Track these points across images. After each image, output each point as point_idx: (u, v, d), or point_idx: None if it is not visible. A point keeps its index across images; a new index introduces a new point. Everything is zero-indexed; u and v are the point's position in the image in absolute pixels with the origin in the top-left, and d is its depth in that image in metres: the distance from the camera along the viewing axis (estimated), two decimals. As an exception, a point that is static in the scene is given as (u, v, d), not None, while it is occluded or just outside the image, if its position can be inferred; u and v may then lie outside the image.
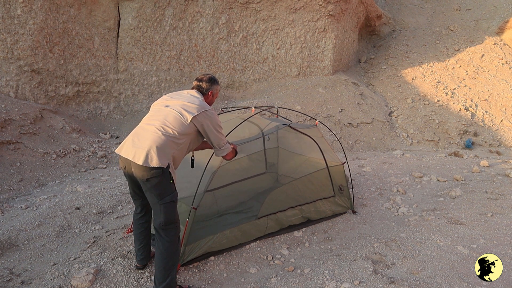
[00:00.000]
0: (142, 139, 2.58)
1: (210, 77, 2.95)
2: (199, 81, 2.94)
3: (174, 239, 2.71)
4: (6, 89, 7.86)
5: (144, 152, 2.50)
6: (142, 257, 3.15)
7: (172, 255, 2.72)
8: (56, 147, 7.19)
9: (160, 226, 2.66)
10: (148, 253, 3.18)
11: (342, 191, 4.58)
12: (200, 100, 2.80)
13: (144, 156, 2.49)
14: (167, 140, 2.57)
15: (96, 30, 9.22)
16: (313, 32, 11.67)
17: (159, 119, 2.65)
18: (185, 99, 2.76)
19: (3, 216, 4.35)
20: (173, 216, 2.69)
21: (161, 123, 2.61)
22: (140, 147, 2.54)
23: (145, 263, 3.18)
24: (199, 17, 10.41)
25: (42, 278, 3.07)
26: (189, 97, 2.82)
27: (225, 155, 2.95)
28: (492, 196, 5.13)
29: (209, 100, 2.97)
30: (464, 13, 16.05)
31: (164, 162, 2.53)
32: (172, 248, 2.71)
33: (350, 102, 11.01)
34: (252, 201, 3.97)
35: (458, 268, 3.16)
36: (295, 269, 3.34)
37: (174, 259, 2.74)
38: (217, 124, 2.78)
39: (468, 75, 13.25)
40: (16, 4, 7.76)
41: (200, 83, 2.93)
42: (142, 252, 3.13)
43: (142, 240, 3.09)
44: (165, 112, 2.68)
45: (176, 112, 2.65)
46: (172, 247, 2.70)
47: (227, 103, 10.47)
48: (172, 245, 2.70)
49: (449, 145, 10.69)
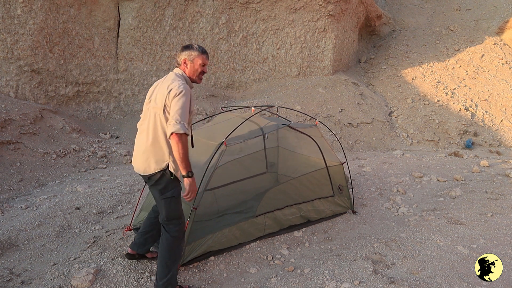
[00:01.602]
0: (138, 149, 2.70)
1: (183, 45, 2.85)
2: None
3: (177, 235, 2.71)
4: (6, 89, 7.86)
5: (142, 164, 2.64)
6: (135, 243, 3.18)
7: (174, 250, 2.72)
8: (56, 147, 7.19)
9: (163, 221, 2.71)
10: (143, 245, 3.20)
11: (341, 191, 4.58)
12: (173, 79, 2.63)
13: (144, 167, 2.64)
14: (158, 143, 2.60)
15: (96, 30, 9.22)
16: (313, 32, 11.67)
17: (146, 120, 2.67)
18: (160, 89, 2.64)
19: (3, 216, 4.35)
20: (175, 212, 2.70)
21: (149, 125, 2.63)
22: (138, 158, 2.68)
23: (136, 249, 3.20)
24: (199, 17, 10.41)
25: (42, 278, 3.07)
26: (166, 81, 2.65)
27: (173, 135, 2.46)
28: (492, 196, 5.13)
29: (189, 70, 2.73)
30: (464, 13, 16.05)
31: (160, 165, 2.60)
32: (174, 244, 2.71)
33: (350, 102, 11.01)
34: (252, 201, 3.97)
35: (458, 268, 3.16)
36: (295, 269, 3.34)
37: (176, 255, 2.73)
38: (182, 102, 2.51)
39: (468, 75, 13.25)
40: (16, 4, 7.76)
41: (176, 56, 2.80)
42: (139, 237, 3.16)
43: (146, 227, 3.12)
44: (150, 111, 2.66)
45: (156, 108, 2.59)
46: (174, 242, 2.71)
47: (227, 103, 10.47)
48: (174, 241, 2.71)
49: (449, 145, 10.69)
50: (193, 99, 2.74)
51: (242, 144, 3.86)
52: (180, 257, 2.81)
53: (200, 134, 4.09)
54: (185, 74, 2.74)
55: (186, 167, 2.50)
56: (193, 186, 2.57)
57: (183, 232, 2.78)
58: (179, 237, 2.74)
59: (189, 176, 2.53)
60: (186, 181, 2.53)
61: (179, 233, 2.74)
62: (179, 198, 2.71)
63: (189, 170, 2.52)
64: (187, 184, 2.54)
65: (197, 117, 9.15)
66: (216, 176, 3.58)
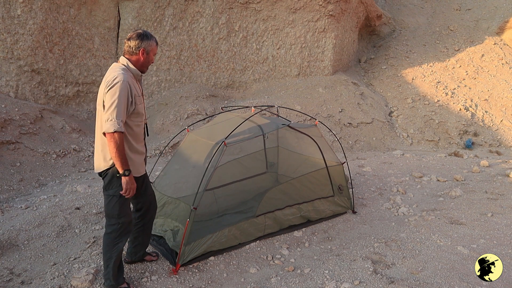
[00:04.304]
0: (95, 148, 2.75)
1: (139, 33, 2.60)
2: (128, 40, 2.61)
3: (110, 232, 2.74)
4: (6, 89, 7.86)
5: (96, 162, 2.72)
6: (128, 252, 3.20)
7: (108, 247, 2.75)
8: (56, 147, 7.19)
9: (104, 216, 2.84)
10: (135, 254, 3.19)
11: (341, 191, 4.58)
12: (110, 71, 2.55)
13: (97, 165, 2.71)
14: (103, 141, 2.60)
15: (96, 30, 9.22)
16: (313, 32, 11.66)
17: (97, 120, 2.68)
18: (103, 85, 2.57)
19: (3, 216, 4.35)
20: (113, 210, 2.68)
21: (97, 123, 2.68)
22: (95, 157, 2.74)
23: (130, 258, 3.21)
24: (199, 17, 10.41)
25: (42, 278, 3.07)
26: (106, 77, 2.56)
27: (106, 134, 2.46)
28: (492, 196, 5.12)
29: (143, 59, 2.64)
30: (464, 13, 16.04)
31: (108, 163, 2.62)
32: (107, 241, 2.75)
33: (350, 102, 11.01)
34: (252, 201, 3.97)
35: (458, 268, 3.16)
36: (295, 269, 3.34)
37: (110, 252, 2.75)
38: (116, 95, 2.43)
39: (468, 75, 13.24)
40: (16, 4, 7.76)
41: (129, 42, 2.60)
42: (129, 246, 3.16)
43: (133, 233, 3.07)
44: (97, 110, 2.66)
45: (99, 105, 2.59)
46: (107, 239, 2.75)
47: (227, 103, 10.47)
48: (107, 238, 2.75)
49: (449, 145, 10.69)
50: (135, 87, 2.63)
51: (242, 144, 3.86)
52: (115, 256, 2.75)
53: (200, 134, 4.09)
54: (132, 64, 2.63)
55: (122, 165, 2.50)
56: (131, 183, 2.58)
57: (119, 233, 2.73)
58: (114, 236, 2.73)
59: (126, 174, 2.54)
60: (123, 179, 2.55)
61: (114, 233, 2.72)
62: (122, 198, 2.67)
63: (125, 169, 2.52)
64: (124, 182, 2.55)
65: (197, 117, 9.16)
66: (216, 176, 3.58)
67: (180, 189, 3.85)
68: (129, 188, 2.58)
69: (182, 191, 3.80)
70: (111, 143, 2.45)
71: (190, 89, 10.12)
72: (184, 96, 9.84)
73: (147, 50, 2.62)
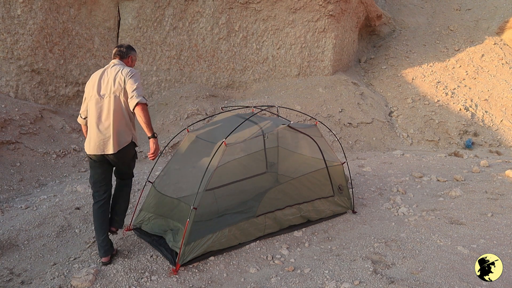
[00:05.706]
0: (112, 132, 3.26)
1: (128, 45, 3.37)
2: (119, 47, 3.32)
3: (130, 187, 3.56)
4: (6, 89, 7.86)
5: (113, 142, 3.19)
6: (107, 248, 3.20)
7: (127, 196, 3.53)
8: (56, 147, 7.19)
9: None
10: (111, 243, 3.27)
11: (341, 191, 4.58)
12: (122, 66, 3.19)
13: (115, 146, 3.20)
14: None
15: (96, 30, 9.22)
16: (313, 32, 11.66)
17: (109, 108, 3.13)
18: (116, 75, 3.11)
19: (3, 216, 4.35)
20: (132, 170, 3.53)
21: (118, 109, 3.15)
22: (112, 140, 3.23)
23: (110, 253, 3.22)
24: (199, 17, 10.41)
25: (42, 278, 3.07)
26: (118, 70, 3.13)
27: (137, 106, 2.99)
28: (492, 196, 5.12)
29: (129, 64, 3.34)
30: (464, 13, 16.05)
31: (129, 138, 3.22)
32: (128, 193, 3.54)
33: (350, 102, 11.01)
34: (252, 201, 3.97)
35: (458, 268, 3.16)
36: (295, 269, 3.34)
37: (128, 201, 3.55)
38: (138, 81, 3.09)
39: (468, 75, 13.24)
40: (16, 4, 7.76)
41: (121, 48, 3.31)
42: (106, 242, 3.19)
43: (105, 229, 3.23)
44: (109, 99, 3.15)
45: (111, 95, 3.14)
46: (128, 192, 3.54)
47: (227, 103, 10.47)
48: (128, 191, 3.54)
49: (449, 145, 10.69)
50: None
51: (242, 144, 3.86)
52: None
53: (200, 134, 4.09)
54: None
55: (152, 129, 3.05)
56: (158, 145, 3.10)
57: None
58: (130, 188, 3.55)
59: (155, 136, 3.08)
60: (154, 140, 3.05)
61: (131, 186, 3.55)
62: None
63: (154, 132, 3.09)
64: (155, 142, 3.07)
65: (197, 117, 9.16)
66: (216, 176, 3.58)
67: (180, 189, 3.85)
68: (157, 148, 3.08)
69: (182, 191, 3.80)
70: (144, 112, 2.99)
71: (190, 89, 10.12)
72: (184, 96, 9.84)
73: (132, 58, 3.36)
